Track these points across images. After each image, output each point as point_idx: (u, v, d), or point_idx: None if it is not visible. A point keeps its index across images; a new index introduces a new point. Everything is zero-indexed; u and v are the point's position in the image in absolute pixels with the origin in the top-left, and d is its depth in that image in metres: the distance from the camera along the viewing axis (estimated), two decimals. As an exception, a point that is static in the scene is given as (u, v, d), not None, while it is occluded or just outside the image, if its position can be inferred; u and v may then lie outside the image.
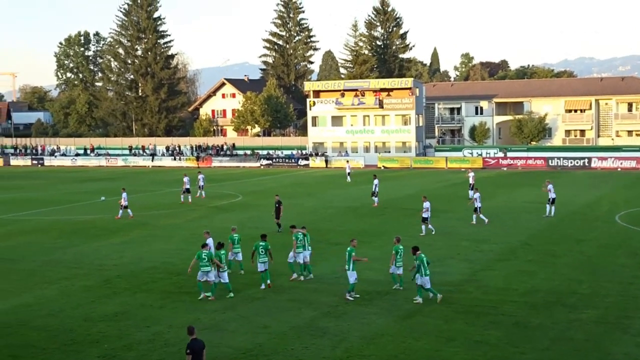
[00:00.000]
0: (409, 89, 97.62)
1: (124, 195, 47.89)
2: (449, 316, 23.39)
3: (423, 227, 39.07)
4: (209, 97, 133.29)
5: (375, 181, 52.47)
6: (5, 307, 25.58)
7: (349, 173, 73.89)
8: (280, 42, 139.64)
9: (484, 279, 28.59)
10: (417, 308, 24.39)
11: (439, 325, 22.51)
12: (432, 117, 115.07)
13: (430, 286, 25.37)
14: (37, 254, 35.55)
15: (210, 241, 28.38)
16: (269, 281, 27.75)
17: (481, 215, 42.99)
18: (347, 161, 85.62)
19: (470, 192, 54.63)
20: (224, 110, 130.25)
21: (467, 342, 20.85)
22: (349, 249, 26.21)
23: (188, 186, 56.12)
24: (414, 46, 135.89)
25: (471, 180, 55.14)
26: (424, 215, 39.13)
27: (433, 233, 38.74)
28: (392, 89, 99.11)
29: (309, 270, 29.44)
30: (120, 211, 47.58)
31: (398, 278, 27.10)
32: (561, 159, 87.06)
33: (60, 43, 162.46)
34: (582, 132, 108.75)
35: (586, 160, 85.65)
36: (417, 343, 20.87)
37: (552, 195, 45.24)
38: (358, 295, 25.81)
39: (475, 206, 43.11)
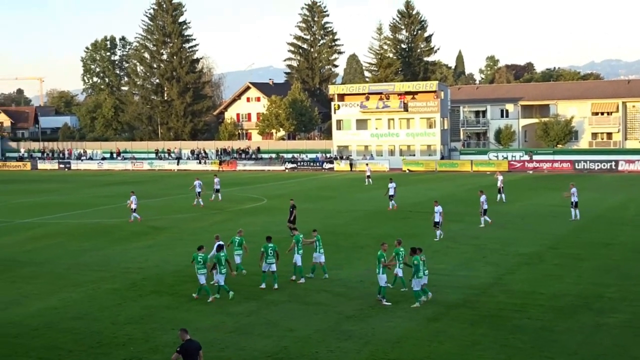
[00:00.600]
0: (434, 92, 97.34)
1: (133, 198, 48.16)
2: (474, 320, 23.28)
3: (437, 232, 38.63)
4: (233, 100, 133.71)
5: (391, 184, 52.24)
6: (32, 310, 25.79)
7: (368, 176, 74.02)
8: (305, 46, 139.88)
9: (510, 282, 28.42)
10: (442, 312, 24.30)
11: (464, 329, 22.40)
12: (457, 120, 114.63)
13: (419, 289, 25.28)
14: (63, 257, 35.83)
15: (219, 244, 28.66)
16: (275, 285, 27.94)
17: (486, 217, 43.19)
18: (367, 164, 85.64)
19: (499, 195, 54.50)
20: (249, 114, 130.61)
21: (493, 346, 20.73)
22: (379, 252, 26.12)
23: (199, 190, 56.42)
24: (438, 49, 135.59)
25: (499, 184, 54.86)
26: (436, 219, 38.69)
27: (437, 239, 38.02)
28: (417, 92, 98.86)
29: (324, 270, 29.76)
30: (133, 214, 47.88)
31: (400, 280, 27.13)
32: (588, 162, 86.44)
33: (87, 48, 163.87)
34: (609, 134, 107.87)
35: (613, 164, 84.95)
36: (442, 347, 20.79)
37: (574, 198, 44.92)
38: (389, 303, 25.43)
39: (483, 209, 43.20)
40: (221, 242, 28.23)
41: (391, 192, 52.02)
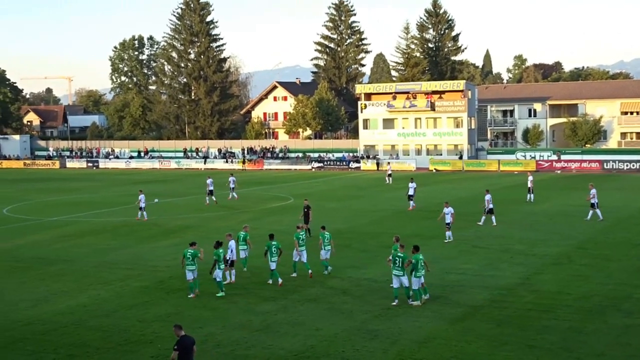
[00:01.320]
0: (461, 91, 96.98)
1: (142, 197, 48.59)
2: (502, 320, 23.16)
3: (447, 233, 38.02)
4: (260, 100, 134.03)
5: (412, 184, 51.94)
6: (61, 308, 26.02)
7: (389, 175, 74.30)
8: (332, 45, 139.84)
9: (538, 282, 28.25)
10: (469, 312, 24.21)
11: (491, 329, 22.30)
12: (484, 120, 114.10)
13: (418, 288, 25.29)
14: (91, 255, 36.11)
15: (232, 243, 29.01)
16: (280, 280, 28.45)
17: (492, 217, 43.36)
18: (388, 163, 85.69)
19: (528, 195, 54.25)
20: (276, 113, 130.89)
21: (521, 346, 20.61)
22: (403, 254, 25.72)
23: (211, 188, 57.02)
24: (466, 48, 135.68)
25: (529, 184, 54.57)
26: (447, 220, 38.07)
27: (446, 241, 37.60)
28: (444, 92, 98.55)
29: (324, 265, 30.41)
30: (141, 212, 48.43)
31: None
32: (617, 162, 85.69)
33: (115, 47, 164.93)
34: (639, 134, 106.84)
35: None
36: (470, 346, 20.70)
37: (594, 200, 44.61)
38: (416, 302, 25.33)
39: (488, 208, 43.42)
40: (219, 240, 28.46)
41: (411, 192, 51.74)
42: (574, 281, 28.32)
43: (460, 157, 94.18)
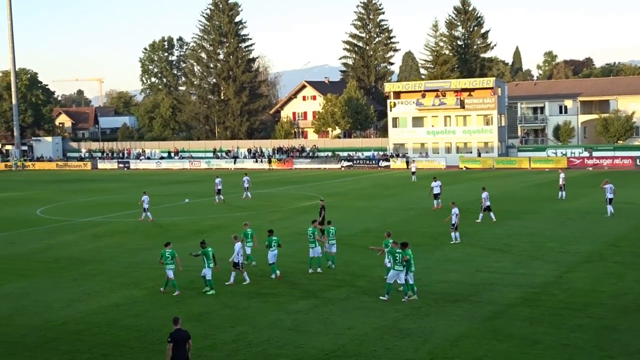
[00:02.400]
0: (491, 88, 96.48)
1: (145, 197, 49.04)
2: (534, 318, 23.00)
3: (453, 234, 37.09)
4: (289, 99, 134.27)
5: (436, 183, 51.34)
6: (94, 307, 26.24)
7: (413, 172, 74.43)
8: (360, 44, 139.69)
9: (570, 280, 28.01)
10: (501, 310, 24.06)
11: (523, 327, 22.15)
12: (514, 117, 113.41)
13: (409, 283, 25.70)
14: (123, 255, 36.37)
15: (238, 246, 29.09)
16: (278, 272, 29.58)
17: (490, 214, 43.23)
18: (413, 161, 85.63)
19: (560, 193, 53.84)
20: (305, 113, 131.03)
21: (553, 345, 20.46)
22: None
23: (220, 187, 58.26)
24: (495, 45, 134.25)
25: (561, 181, 54.16)
26: (453, 221, 37.10)
27: (453, 242, 36.78)
28: (473, 89, 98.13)
29: (333, 260, 31.27)
30: (144, 214, 48.79)
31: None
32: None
33: (145, 49, 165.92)
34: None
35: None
36: (502, 345, 20.58)
37: (609, 195, 44.45)
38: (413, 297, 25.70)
39: (485, 205, 43.34)
40: (204, 239, 29.48)
41: (437, 191, 51.09)
42: (607, 279, 28.06)
43: (479, 154, 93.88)
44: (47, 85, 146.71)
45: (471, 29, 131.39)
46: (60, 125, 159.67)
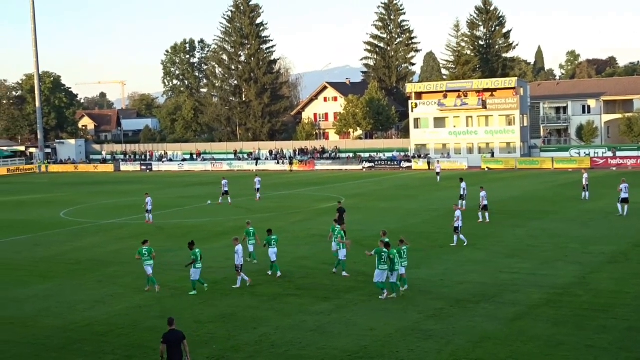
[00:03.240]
0: (513, 88, 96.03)
1: (148, 199, 49.48)
2: (558, 320, 22.88)
3: (455, 237, 36.46)
4: (311, 101, 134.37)
5: (463, 184, 51.04)
6: (118, 309, 26.40)
7: (438, 173, 74.36)
8: (382, 45, 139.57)
9: (594, 281, 27.83)
10: (524, 311, 23.96)
11: (547, 329, 22.04)
12: (537, 117, 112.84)
13: (395, 281, 26.36)
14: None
15: (239, 248, 29.13)
16: (279, 273, 30.48)
17: (485, 214, 43.63)
18: (438, 161, 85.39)
19: (583, 193, 53.51)
20: (326, 114, 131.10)
21: (578, 346, 20.34)
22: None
23: (226, 189, 59.16)
24: (517, 45, 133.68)
25: (584, 181, 53.82)
26: (456, 224, 36.31)
27: (453, 245, 36.32)
28: (495, 89, 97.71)
29: (336, 256, 31.62)
30: (147, 215, 49.33)
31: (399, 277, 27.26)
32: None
33: (167, 51, 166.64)
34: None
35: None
36: (525, 347, 20.49)
37: (623, 195, 44.50)
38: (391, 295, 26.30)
39: (482, 204, 43.61)
40: (192, 240, 30.21)
41: (463, 192, 50.84)
42: (632, 279, 27.85)
43: (493, 155, 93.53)
44: (70, 88, 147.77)
45: (493, 29, 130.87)
46: (83, 127, 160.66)
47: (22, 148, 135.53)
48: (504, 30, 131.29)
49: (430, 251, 35.08)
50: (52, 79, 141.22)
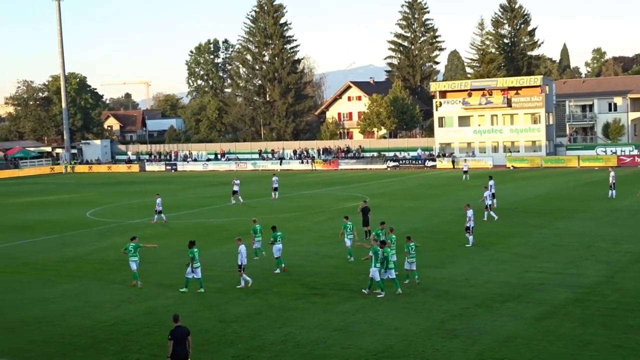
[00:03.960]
0: (539, 86, 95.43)
1: (158, 200, 49.92)
2: (585, 319, 22.69)
3: (470, 238, 35.91)
4: (335, 100, 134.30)
5: (491, 182, 50.66)
6: (143, 308, 26.52)
7: (465, 172, 74.03)
8: (406, 44, 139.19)
9: (622, 280, 27.58)
10: (551, 311, 23.79)
11: (574, 328, 21.87)
12: (562, 115, 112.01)
13: (394, 277, 27.25)
14: (171, 256, 36.66)
15: (242, 248, 29.23)
16: (283, 265, 31.55)
17: (491, 213, 43.61)
18: (465, 160, 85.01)
19: (610, 192, 53.08)
20: (350, 113, 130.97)
21: (605, 346, 20.16)
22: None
23: (236, 188, 59.61)
24: (542, 43, 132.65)
25: (611, 180, 53.38)
26: (468, 224, 35.83)
27: (469, 245, 35.68)
28: (520, 87, 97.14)
29: (350, 253, 33.46)
30: (155, 216, 49.82)
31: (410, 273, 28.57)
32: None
33: (191, 51, 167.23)
34: None
35: None
36: (552, 347, 20.34)
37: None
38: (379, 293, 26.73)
39: (486, 204, 43.84)
40: (192, 239, 30.05)
41: (493, 190, 50.51)
42: (660, 279, 27.58)
43: (510, 152, 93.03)
44: (95, 89, 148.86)
45: (518, 27, 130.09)
46: (109, 128, 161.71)
47: (49, 149, 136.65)
48: (529, 28, 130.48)
49: (456, 250, 34.93)
50: (77, 80, 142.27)
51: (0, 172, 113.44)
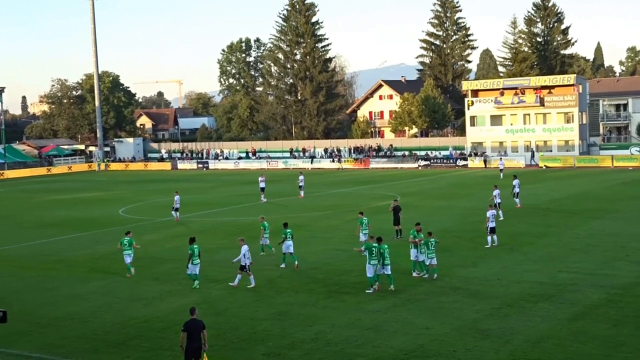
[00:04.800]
0: (572, 85, 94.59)
1: (177, 198, 50.22)
2: (618, 320, 22.46)
3: (488, 238, 35.49)
4: (366, 99, 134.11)
5: (516, 181, 50.43)
6: (175, 306, 26.66)
7: (501, 170, 73.79)
8: (437, 42, 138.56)
9: (656, 282, 27.26)
10: (584, 311, 23.56)
11: (607, 329, 21.65)
12: (596, 114, 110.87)
13: (389, 273, 27.54)
14: (203, 254, 36.74)
15: (245, 248, 29.10)
16: (296, 262, 32.18)
17: (499, 212, 43.49)
18: (501, 158, 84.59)
19: None
20: (382, 112, 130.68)
21: (639, 347, 19.93)
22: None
23: (263, 185, 60.07)
24: (576, 41, 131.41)
25: None
26: (490, 225, 35.35)
27: (488, 246, 35.26)
28: (553, 86, 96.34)
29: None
30: (175, 213, 50.12)
31: (418, 265, 29.56)
32: None
33: (223, 50, 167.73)
34: None
35: None
36: (584, 347, 20.15)
37: None
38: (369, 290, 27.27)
39: (495, 202, 44.33)
40: (193, 236, 31.01)
41: (517, 190, 50.27)
42: (695, 280, 27.22)
43: (533, 155, 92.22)
44: (128, 87, 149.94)
45: (551, 25, 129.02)
46: (141, 126, 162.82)
47: (82, 147, 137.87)
48: (562, 27, 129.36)
49: (487, 250, 34.72)
50: (111, 78, 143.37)
51: (34, 170, 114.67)
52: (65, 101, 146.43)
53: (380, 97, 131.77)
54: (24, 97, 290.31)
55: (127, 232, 33.24)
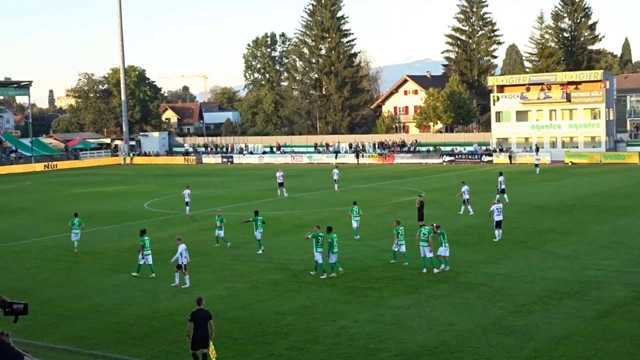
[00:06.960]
0: (599, 81, 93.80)
1: (187, 192, 51.13)
2: (644, 318, 22.30)
3: (496, 232, 35.82)
4: (391, 94, 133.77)
5: (501, 178, 51.28)
6: (199, 299, 26.77)
7: (536, 165, 73.68)
8: (463, 37, 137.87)
9: (683, 280, 27.02)
10: (609, 309, 23.40)
11: (633, 327, 21.50)
12: (623, 111, 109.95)
13: (335, 261, 29.32)
14: (227, 248, 36.95)
15: (182, 247, 29.27)
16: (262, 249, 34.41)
17: (468, 207, 44.74)
18: (537, 152, 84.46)
19: None
20: (406, 107, 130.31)
21: (665, 346, 19.80)
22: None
23: (281, 180, 60.51)
24: (603, 37, 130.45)
25: None
26: (497, 218, 35.84)
27: (496, 240, 35.60)
28: (580, 82, 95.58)
29: (355, 233, 37.57)
30: (186, 208, 50.62)
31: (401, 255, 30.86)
32: None
33: (248, 45, 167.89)
34: None
35: None
36: (610, 345, 20.03)
37: None
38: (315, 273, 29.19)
39: (464, 198, 45.23)
40: (143, 228, 32.92)
41: (502, 186, 50.98)
42: None
43: (537, 150, 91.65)
44: (154, 81, 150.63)
45: (578, 21, 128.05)
46: (167, 120, 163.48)
47: (108, 140, 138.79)
48: (590, 22, 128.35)
49: (512, 246, 34.59)
50: (137, 72, 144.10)
51: (61, 163, 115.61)
52: (91, 95, 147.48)
53: (405, 93, 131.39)
54: (51, 91, 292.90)
55: (75, 214, 38.07)
